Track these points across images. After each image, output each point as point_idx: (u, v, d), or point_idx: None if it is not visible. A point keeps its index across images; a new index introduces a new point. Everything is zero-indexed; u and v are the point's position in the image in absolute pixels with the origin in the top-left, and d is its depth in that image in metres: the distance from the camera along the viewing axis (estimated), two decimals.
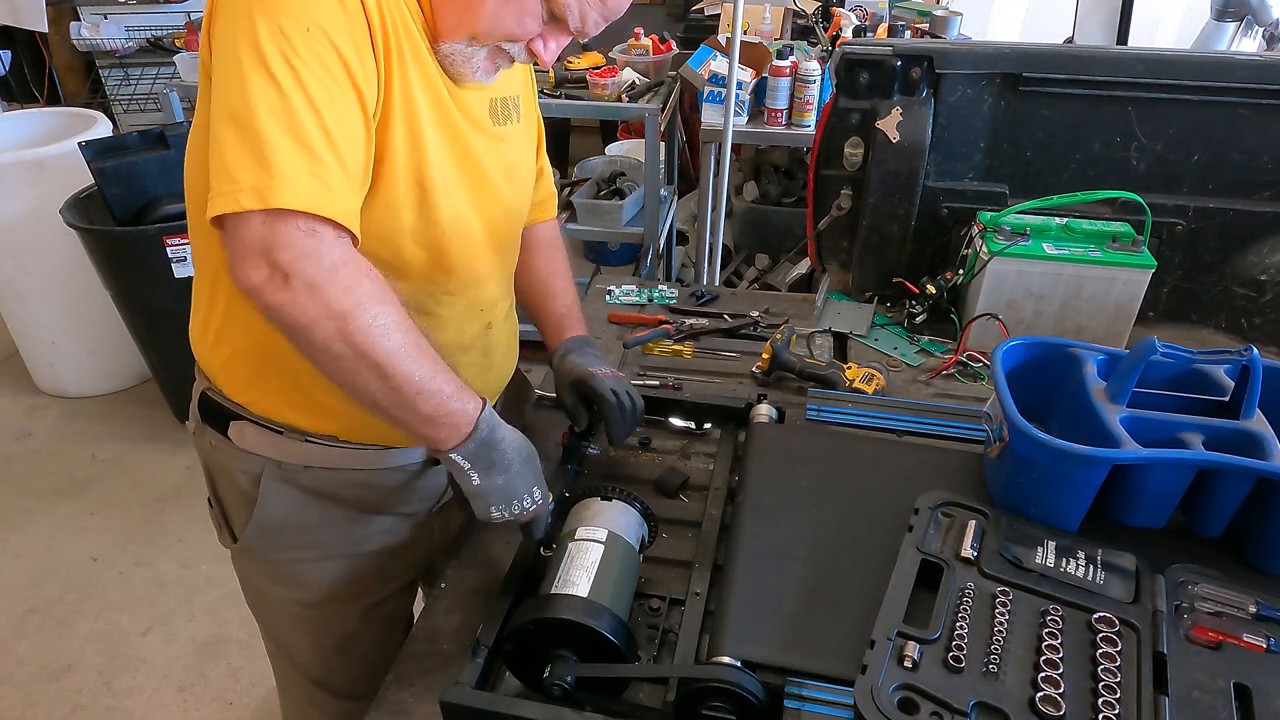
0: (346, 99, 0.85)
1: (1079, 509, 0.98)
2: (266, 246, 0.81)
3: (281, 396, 1.06)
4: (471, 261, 1.07)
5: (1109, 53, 1.56)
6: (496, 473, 0.95)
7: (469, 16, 0.92)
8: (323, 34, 0.82)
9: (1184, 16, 3.67)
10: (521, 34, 0.94)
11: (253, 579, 1.23)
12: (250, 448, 1.09)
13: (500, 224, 1.11)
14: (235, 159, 0.81)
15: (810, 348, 1.57)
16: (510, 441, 0.97)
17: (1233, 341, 1.59)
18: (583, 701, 0.86)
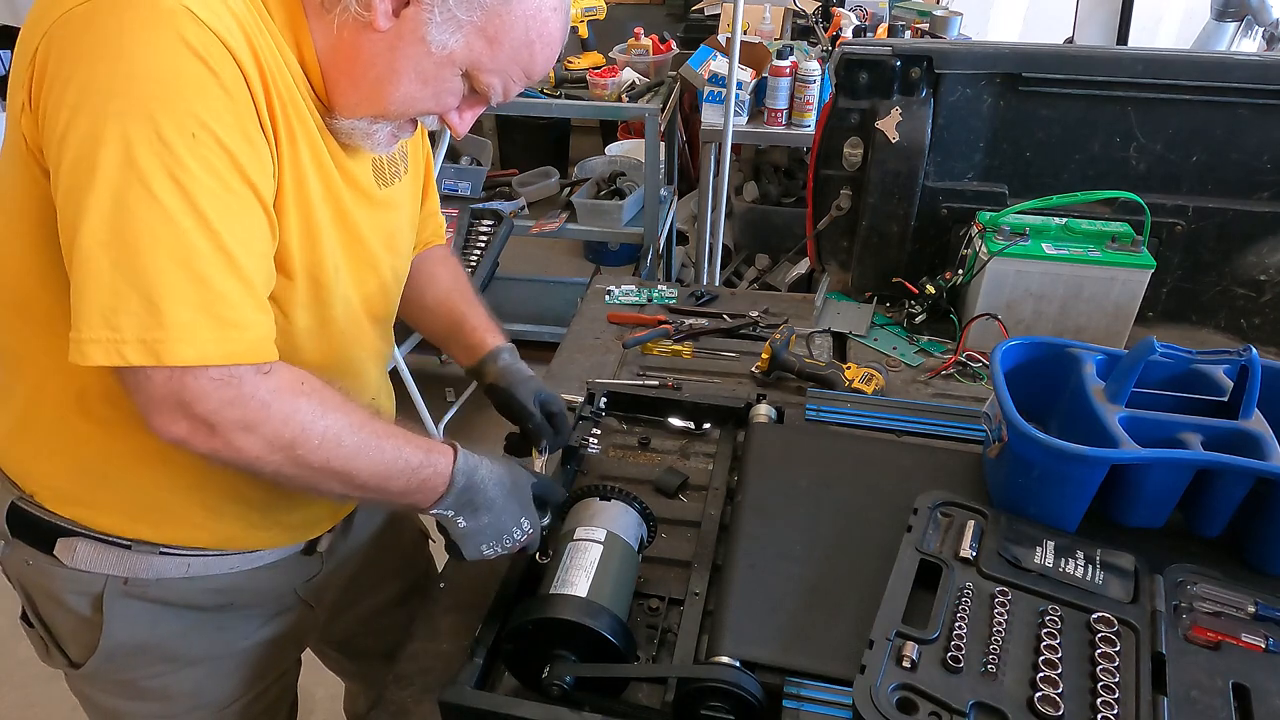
0: (245, 208, 0.75)
1: (1078, 509, 0.98)
2: (180, 401, 0.72)
3: (130, 510, 0.93)
4: (355, 349, 1.00)
5: (1109, 53, 1.56)
6: (482, 513, 0.92)
7: (377, 97, 0.82)
8: (210, 136, 0.70)
9: (1184, 16, 3.67)
10: (438, 110, 0.86)
11: (100, 700, 1.07)
12: (86, 566, 0.94)
13: (378, 298, 1.03)
14: (114, 298, 0.69)
15: (810, 348, 1.58)
16: (492, 479, 0.93)
17: (1232, 341, 1.59)
18: (582, 701, 0.86)
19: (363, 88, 0.82)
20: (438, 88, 0.83)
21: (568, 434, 1.17)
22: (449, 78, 0.82)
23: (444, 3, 0.77)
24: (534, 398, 1.14)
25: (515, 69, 0.83)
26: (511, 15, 0.79)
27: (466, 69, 0.82)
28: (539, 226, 3.05)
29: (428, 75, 0.81)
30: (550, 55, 0.84)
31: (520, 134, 4.35)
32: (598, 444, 1.25)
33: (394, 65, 0.80)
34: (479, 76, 0.83)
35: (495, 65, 0.82)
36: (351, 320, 0.97)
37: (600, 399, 1.31)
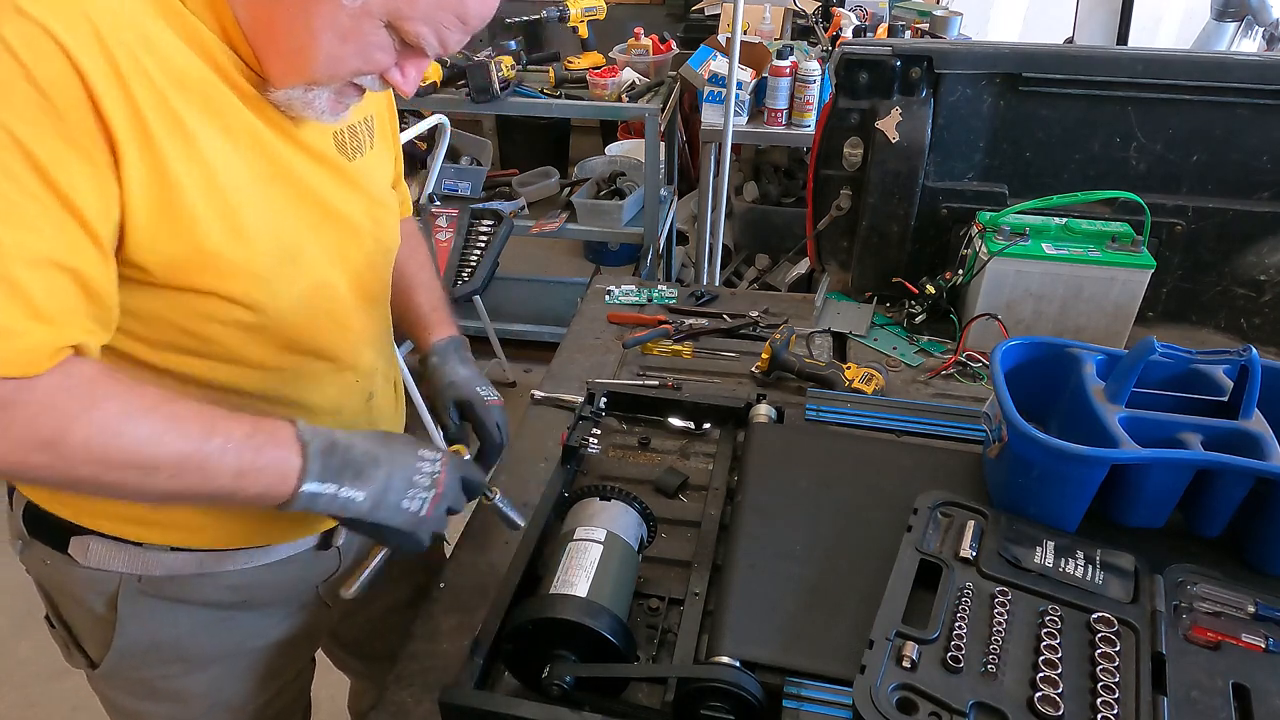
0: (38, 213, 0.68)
1: (1078, 509, 0.98)
2: None
3: (130, 515, 0.93)
4: (340, 330, 0.95)
5: (1109, 53, 1.56)
6: (368, 470, 0.83)
7: (301, 62, 0.78)
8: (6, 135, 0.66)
9: (1184, 16, 3.67)
10: (370, 69, 0.81)
11: (119, 700, 1.08)
12: (100, 565, 0.94)
13: (368, 274, 0.99)
14: None
15: (810, 348, 1.58)
16: (355, 435, 0.84)
17: (1232, 341, 1.59)
18: (582, 701, 0.86)
19: (286, 55, 0.78)
20: (361, 44, 0.77)
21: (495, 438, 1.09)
22: (371, 31, 0.77)
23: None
24: (450, 405, 1.09)
25: (444, 15, 0.77)
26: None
27: (388, 20, 0.76)
28: (539, 226, 3.05)
29: (346, 32, 0.76)
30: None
31: (520, 134, 4.35)
32: (598, 444, 1.25)
33: (310, 26, 0.76)
34: (404, 27, 0.77)
35: (418, 12, 0.76)
36: (333, 301, 0.93)
37: (600, 399, 1.31)
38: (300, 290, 0.88)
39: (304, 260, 0.88)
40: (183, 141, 0.75)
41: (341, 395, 0.99)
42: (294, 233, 0.86)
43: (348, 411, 1.01)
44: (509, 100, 2.85)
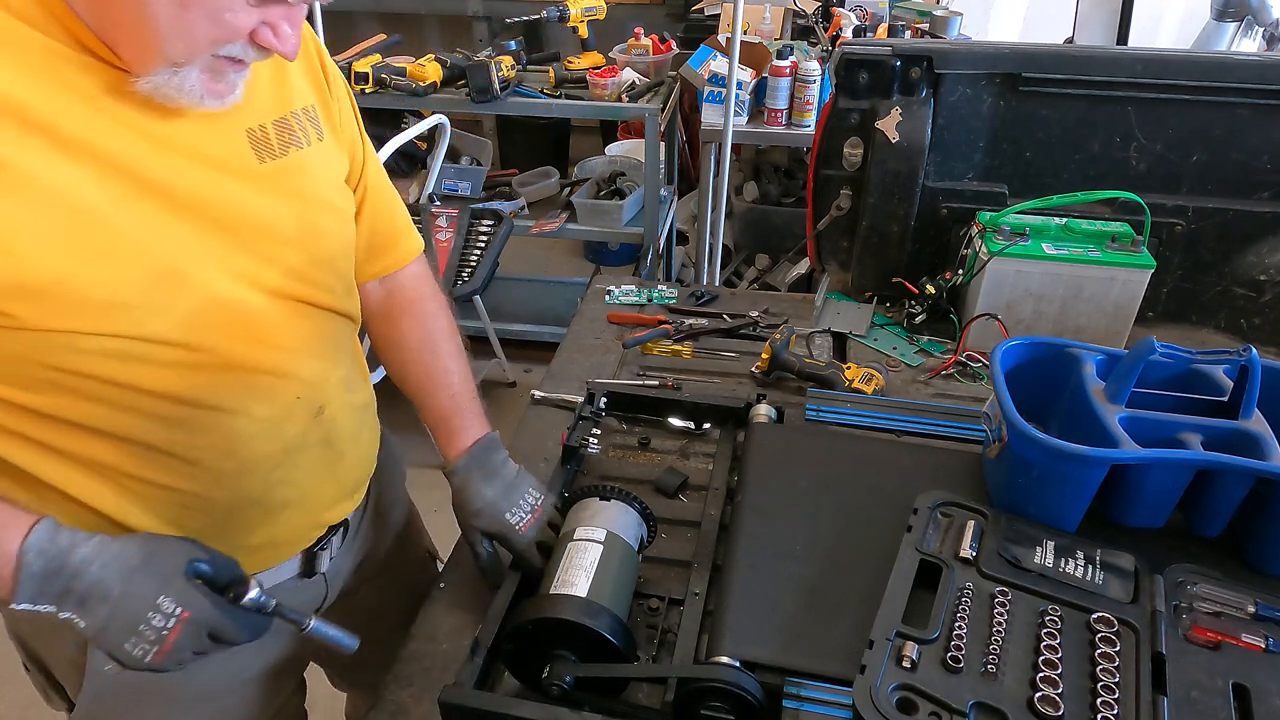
0: None
1: (1078, 509, 0.98)
2: None
3: None
4: (262, 346, 0.86)
5: (1109, 53, 1.56)
6: (94, 604, 0.74)
7: (148, 41, 0.70)
8: None
9: (1184, 16, 3.67)
10: (228, 34, 0.72)
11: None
12: None
13: (298, 285, 0.89)
14: None
15: (810, 348, 1.57)
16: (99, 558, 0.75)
17: (1232, 341, 1.59)
18: (581, 701, 0.86)
19: (132, 38, 0.71)
20: (204, 7, 0.69)
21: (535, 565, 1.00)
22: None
23: None
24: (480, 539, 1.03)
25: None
26: None
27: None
28: (539, 226, 3.05)
29: None
30: None
31: (520, 134, 4.35)
32: (598, 444, 1.25)
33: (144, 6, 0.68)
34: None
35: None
36: (244, 316, 0.84)
37: (600, 399, 1.31)
38: (187, 310, 0.79)
39: (190, 280, 0.79)
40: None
41: (278, 415, 0.89)
42: (172, 252, 0.78)
43: (291, 428, 0.91)
44: (509, 100, 2.85)
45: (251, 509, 0.93)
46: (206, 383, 0.83)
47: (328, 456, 0.98)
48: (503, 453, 1.07)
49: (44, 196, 0.70)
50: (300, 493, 0.97)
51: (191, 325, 0.80)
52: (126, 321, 0.76)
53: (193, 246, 0.80)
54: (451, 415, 1.07)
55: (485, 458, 1.05)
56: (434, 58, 2.88)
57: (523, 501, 1.03)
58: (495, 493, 1.03)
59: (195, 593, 0.79)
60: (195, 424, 0.84)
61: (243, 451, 0.88)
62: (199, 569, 0.80)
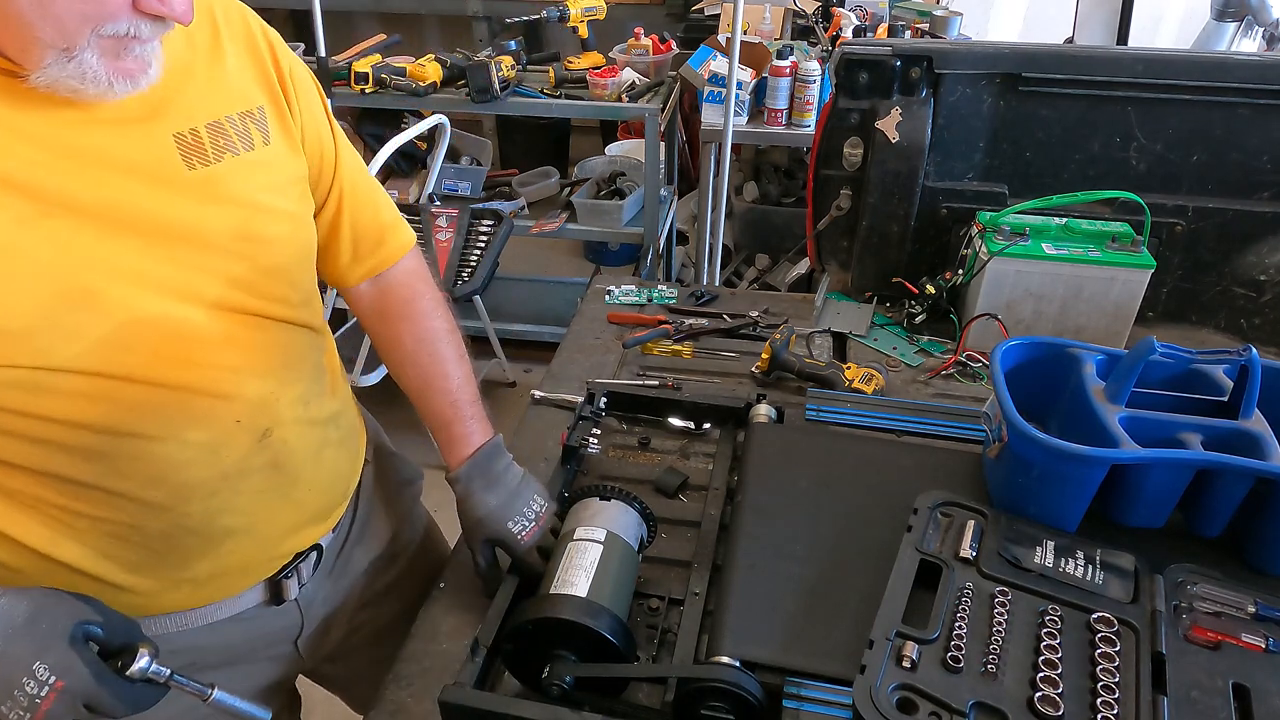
0: None
1: (1078, 509, 0.98)
2: None
3: None
4: (193, 366, 0.80)
5: (1109, 53, 1.56)
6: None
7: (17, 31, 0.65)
8: None
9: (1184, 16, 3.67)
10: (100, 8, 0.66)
11: None
12: None
13: (244, 295, 0.84)
14: None
15: (810, 348, 1.57)
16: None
17: (1232, 341, 1.59)
18: (581, 701, 0.86)
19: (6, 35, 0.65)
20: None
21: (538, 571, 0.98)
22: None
23: None
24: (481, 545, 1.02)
25: None
26: None
27: None
28: (539, 226, 3.05)
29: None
30: None
31: (520, 134, 4.35)
32: (598, 444, 1.25)
33: None
34: None
35: None
36: (171, 335, 0.79)
37: (600, 399, 1.31)
38: (102, 333, 0.74)
39: (105, 300, 0.74)
40: None
41: (214, 440, 0.84)
42: (88, 270, 0.73)
43: (229, 458, 0.85)
44: (509, 100, 2.85)
45: (189, 538, 0.87)
46: (127, 409, 0.78)
47: (278, 482, 0.91)
48: (506, 458, 1.05)
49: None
50: (247, 520, 0.90)
51: (107, 349, 0.75)
52: (30, 351, 0.71)
53: (107, 263, 0.74)
54: (452, 422, 1.04)
55: (487, 465, 1.03)
56: (434, 58, 2.88)
57: (526, 510, 1.02)
58: (498, 501, 1.01)
59: (75, 659, 0.72)
60: (116, 453, 0.79)
61: (173, 479, 0.82)
62: (89, 631, 0.74)
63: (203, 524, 0.87)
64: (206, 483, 0.85)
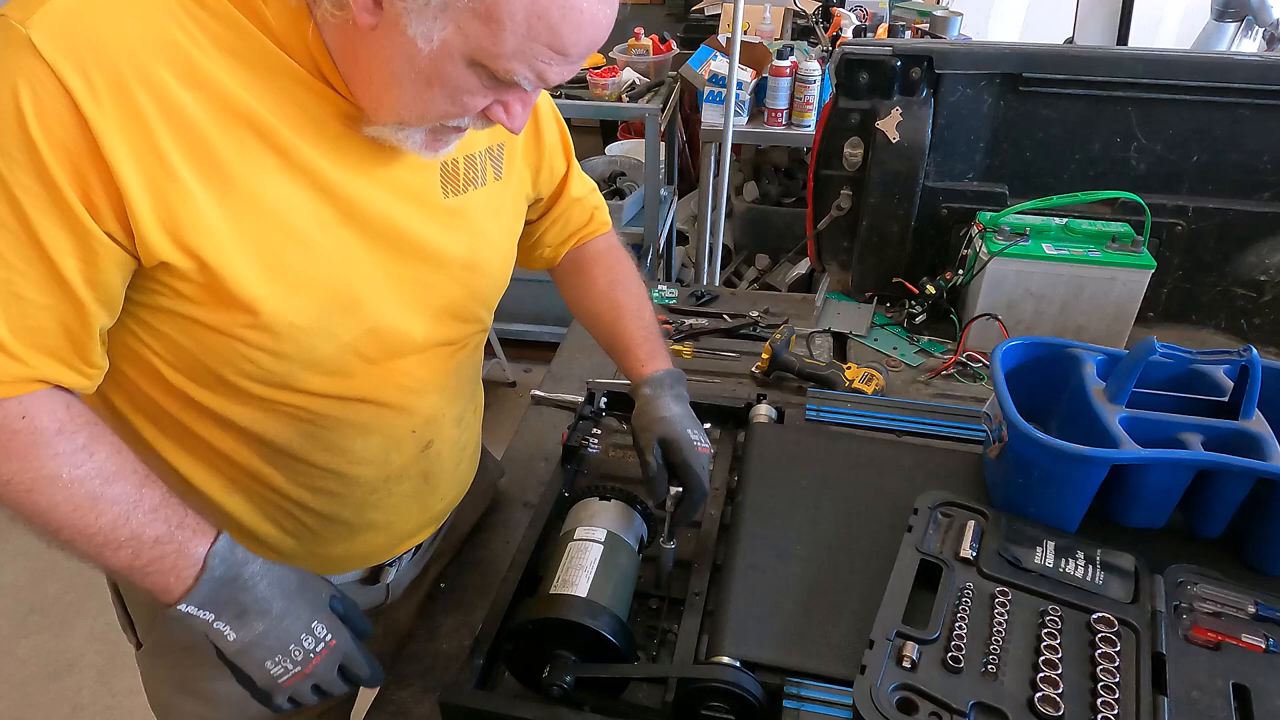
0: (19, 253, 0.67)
1: (1078, 509, 0.98)
2: None
3: None
4: (397, 377, 0.89)
5: (1109, 53, 1.56)
6: (253, 618, 0.77)
7: (387, 103, 0.73)
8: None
9: (1184, 16, 3.67)
10: (461, 112, 0.74)
11: (158, 689, 1.07)
12: None
13: (448, 317, 0.92)
14: None
15: (810, 348, 1.57)
16: (268, 576, 0.79)
17: (1232, 342, 1.59)
18: (582, 701, 0.86)
19: (371, 93, 0.73)
20: (447, 87, 0.70)
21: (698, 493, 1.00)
22: (455, 74, 0.69)
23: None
24: (655, 442, 1.00)
25: (535, 48, 0.67)
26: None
27: (473, 59, 0.68)
28: None
29: (429, 75, 0.69)
30: (581, 20, 0.67)
31: None
32: (598, 444, 1.25)
33: (390, 68, 0.70)
34: (494, 66, 0.68)
35: (506, 49, 0.67)
36: (394, 346, 0.87)
37: (600, 399, 1.31)
38: (349, 339, 0.82)
39: (363, 307, 0.82)
40: (220, 185, 0.71)
41: (389, 446, 0.92)
42: (360, 278, 0.81)
43: (395, 463, 0.94)
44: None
45: (340, 525, 0.96)
46: (337, 403, 0.86)
47: (422, 489, 1.00)
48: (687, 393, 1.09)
49: (263, 216, 0.73)
50: (387, 518, 0.99)
51: (349, 352, 0.83)
52: (301, 346, 0.79)
53: (376, 275, 0.82)
54: (644, 341, 1.10)
55: (675, 382, 1.07)
56: None
57: (702, 434, 1.05)
58: (682, 410, 1.05)
59: (341, 624, 0.83)
60: (315, 438, 0.87)
61: (348, 472, 0.90)
62: (334, 605, 0.84)
63: (355, 515, 0.96)
64: (371, 481, 0.93)
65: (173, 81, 0.68)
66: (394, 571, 1.08)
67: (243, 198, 0.72)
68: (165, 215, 0.69)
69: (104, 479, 0.73)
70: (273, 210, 0.74)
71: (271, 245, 0.74)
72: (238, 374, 0.79)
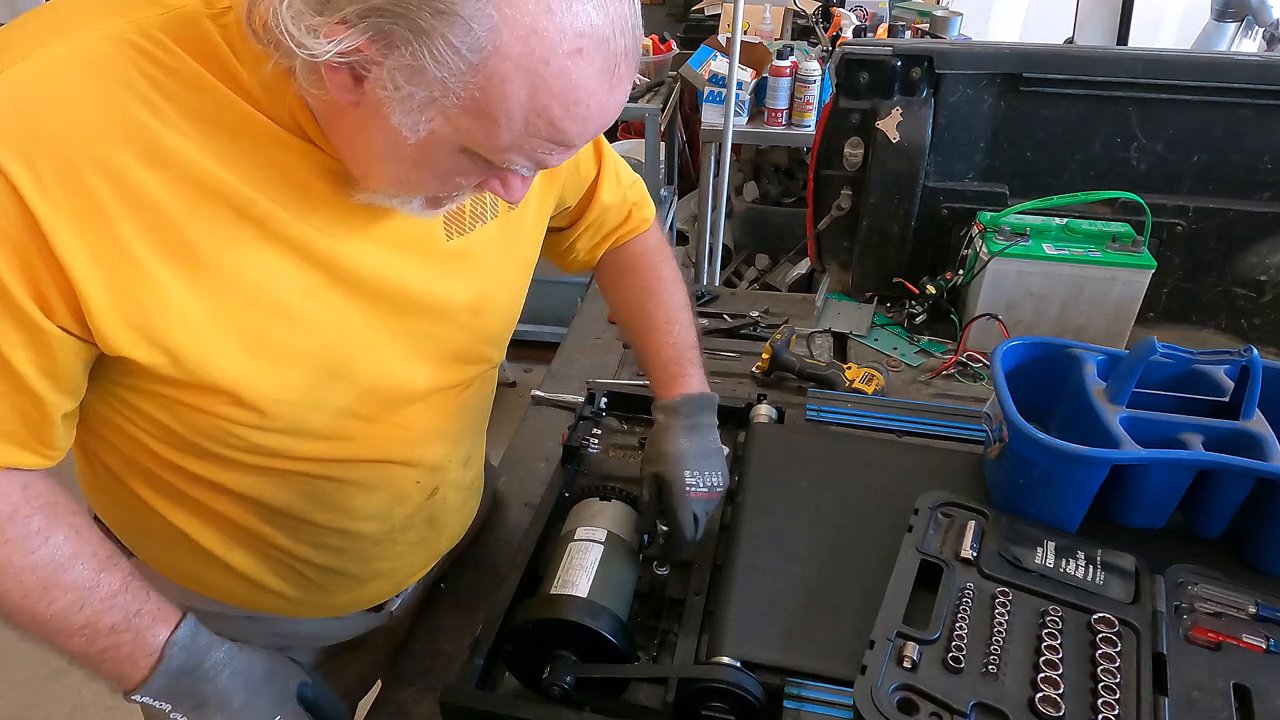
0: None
1: (1079, 509, 0.98)
2: None
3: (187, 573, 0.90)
4: (400, 431, 0.85)
5: (1109, 53, 1.56)
6: (211, 710, 0.75)
7: (374, 175, 0.68)
8: None
9: (1184, 16, 3.67)
10: (455, 190, 0.70)
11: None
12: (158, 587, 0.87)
13: (452, 363, 0.87)
14: None
15: (810, 348, 1.57)
16: (231, 665, 0.77)
17: (1233, 342, 1.59)
18: (582, 702, 0.86)
19: (358, 164, 0.68)
20: (436, 170, 0.66)
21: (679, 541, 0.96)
22: (446, 160, 0.64)
23: (393, 78, 0.58)
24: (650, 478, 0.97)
25: (535, 142, 0.62)
26: (495, 80, 0.57)
27: (466, 148, 0.63)
28: None
29: (417, 160, 0.64)
30: (588, 114, 0.61)
31: None
32: (598, 444, 1.25)
33: (374, 148, 0.65)
34: (489, 157, 0.63)
35: (502, 144, 0.61)
36: (391, 402, 0.83)
37: (600, 399, 1.31)
38: (342, 404, 0.79)
39: (356, 371, 0.78)
40: (192, 269, 0.66)
41: (393, 500, 0.90)
42: (352, 341, 0.77)
43: (399, 515, 0.91)
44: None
45: (345, 578, 0.94)
46: (339, 466, 0.83)
47: (428, 535, 0.98)
48: (714, 418, 1.03)
49: (241, 294, 0.69)
50: (393, 566, 0.98)
51: (344, 416, 0.80)
52: (289, 419, 0.76)
53: (369, 334, 0.78)
54: (671, 361, 1.04)
55: (695, 411, 1.00)
56: None
57: (709, 473, 0.98)
58: (690, 446, 0.98)
59: (305, 717, 0.83)
60: (318, 500, 0.84)
61: (351, 528, 0.88)
62: (302, 692, 0.83)
63: (360, 567, 0.94)
64: (374, 535, 0.91)
65: (134, 164, 0.63)
66: (399, 600, 1.06)
67: (218, 278, 0.67)
68: (130, 308, 0.65)
69: (57, 565, 0.70)
70: (252, 286, 0.69)
71: (253, 323, 0.70)
72: (225, 447, 0.76)
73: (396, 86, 0.58)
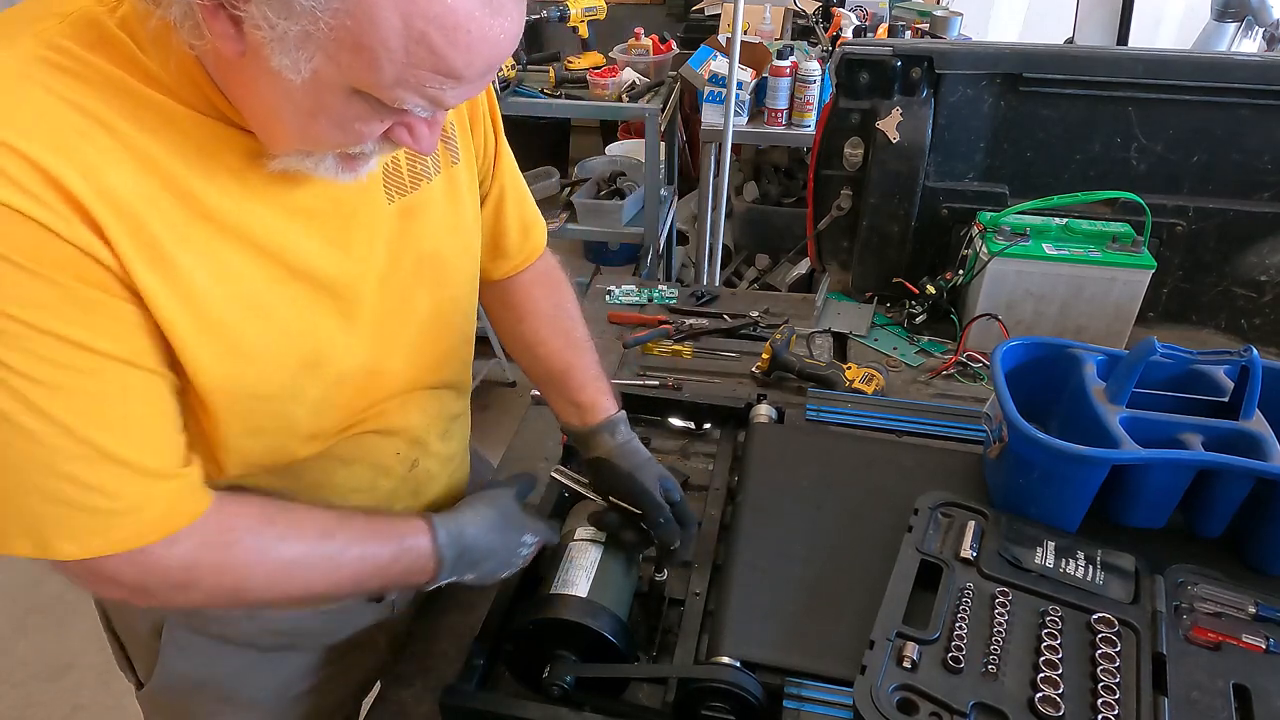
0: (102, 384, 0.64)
1: (1078, 509, 0.98)
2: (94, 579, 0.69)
3: None
4: (379, 404, 0.87)
5: (1109, 53, 1.56)
6: (483, 562, 0.89)
7: (276, 134, 0.66)
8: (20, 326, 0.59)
9: (1184, 16, 3.67)
10: (359, 140, 0.66)
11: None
12: None
13: (419, 335, 0.88)
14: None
15: (810, 348, 1.57)
16: (480, 529, 0.89)
17: (1232, 342, 1.59)
18: (582, 702, 0.86)
19: (259, 124, 0.66)
20: (333, 117, 0.63)
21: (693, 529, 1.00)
22: (338, 104, 0.61)
23: (265, 15, 0.56)
24: (659, 485, 0.97)
25: (422, 74, 0.59)
26: (364, 10, 0.55)
27: (354, 89, 0.60)
28: None
29: (310, 108, 0.62)
30: (471, 40, 0.58)
31: (520, 134, 4.31)
32: None
33: (266, 100, 0.63)
34: (378, 95, 0.61)
35: (387, 78, 0.59)
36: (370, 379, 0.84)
37: None
38: (316, 395, 0.79)
39: (324, 364, 0.78)
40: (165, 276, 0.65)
41: (376, 472, 0.91)
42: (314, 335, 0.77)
43: (383, 487, 0.93)
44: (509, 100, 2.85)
45: None
46: (320, 447, 0.85)
47: (413, 508, 0.99)
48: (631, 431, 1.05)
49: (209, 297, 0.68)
50: None
51: (319, 406, 0.81)
52: (269, 414, 0.77)
53: (325, 322, 0.78)
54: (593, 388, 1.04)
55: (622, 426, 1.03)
56: None
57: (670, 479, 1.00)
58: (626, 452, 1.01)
59: (541, 524, 0.95)
60: (301, 479, 0.86)
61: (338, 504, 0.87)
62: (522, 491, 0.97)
63: None
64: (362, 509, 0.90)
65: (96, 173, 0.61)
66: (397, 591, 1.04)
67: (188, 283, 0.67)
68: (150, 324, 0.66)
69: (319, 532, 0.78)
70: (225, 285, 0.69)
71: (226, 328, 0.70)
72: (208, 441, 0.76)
73: (271, 25, 0.56)
